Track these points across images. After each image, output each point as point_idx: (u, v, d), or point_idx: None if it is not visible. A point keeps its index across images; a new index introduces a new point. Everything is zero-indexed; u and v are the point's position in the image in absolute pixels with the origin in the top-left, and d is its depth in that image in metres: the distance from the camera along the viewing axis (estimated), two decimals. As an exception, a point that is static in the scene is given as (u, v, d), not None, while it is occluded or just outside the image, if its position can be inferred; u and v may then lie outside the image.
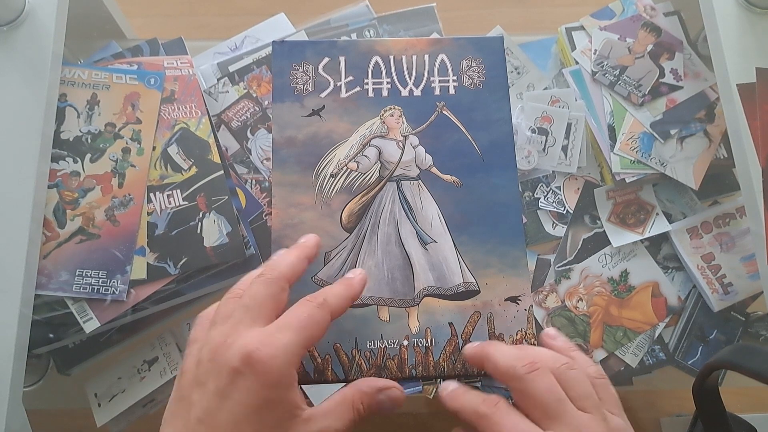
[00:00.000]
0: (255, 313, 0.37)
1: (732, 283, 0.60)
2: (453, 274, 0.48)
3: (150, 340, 0.59)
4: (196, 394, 0.35)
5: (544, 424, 0.35)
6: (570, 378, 0.37)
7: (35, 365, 0.60)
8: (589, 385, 0.38)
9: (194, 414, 0.34)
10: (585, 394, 0.37)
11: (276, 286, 0.39)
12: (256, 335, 0.35)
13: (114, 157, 0.58)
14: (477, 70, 0.53)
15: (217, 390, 0.34)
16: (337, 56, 0.53)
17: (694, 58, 0.65)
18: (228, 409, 0.34)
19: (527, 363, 0.37)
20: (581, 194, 0.62)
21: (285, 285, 0.39)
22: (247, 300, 0.38)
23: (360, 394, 0.39)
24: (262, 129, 0.63)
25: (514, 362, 0.38)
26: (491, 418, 0.36)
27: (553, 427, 0.35)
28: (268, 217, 0.59)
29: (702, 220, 0.62)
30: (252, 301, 0.37)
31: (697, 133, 0.63)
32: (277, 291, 0.38)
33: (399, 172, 0.51)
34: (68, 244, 0.55)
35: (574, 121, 0.63)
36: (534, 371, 0.37)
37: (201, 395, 0.35)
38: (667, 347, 0.60)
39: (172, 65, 0.62)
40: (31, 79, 0.56)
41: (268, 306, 0.37)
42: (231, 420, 0.34)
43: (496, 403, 0.37)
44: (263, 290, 0.38)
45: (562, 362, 0.38)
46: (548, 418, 0.35)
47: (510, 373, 0.37)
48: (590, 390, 0.38)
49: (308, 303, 0.38)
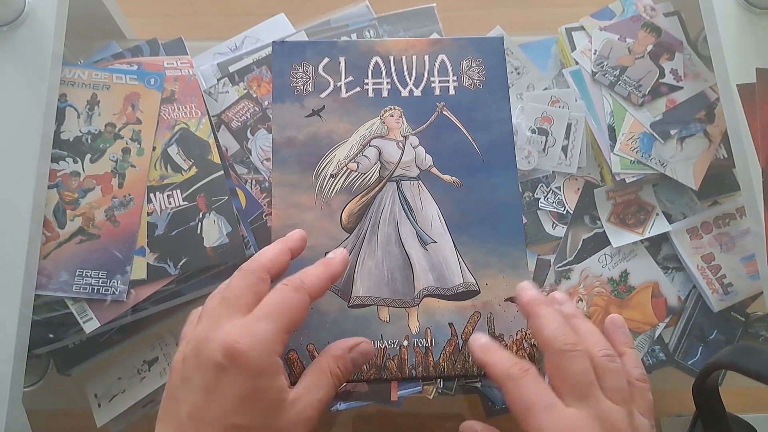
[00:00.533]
0: (233, 305, 0.37)
1: (732, 284, 0.60)
2: (453, 275, 0.48)
3: (150, 341, 0.59)
4: (184, 391, 0.35)
5: (568, 401, 0.36)
6: (607, 369, 0.37)
7: (35, 365, 0.60)
8: (624, 382, 0.38)
9: (184, 411, 0.35)
10: (617, 387, 0.37)
11: (254, 276, 0.38)
12: (235, 327, 0.35)
13: (114, 158, 0.58)
14: (477, 70, 0.53)
15: (203, 385, 0.35)
16: (337, 56, 0.53)
17: (694, 59, 0.65)
18: (216, 403, 0.34)
19: (570, 342, 0.37)
20: (581, 194, 0.62)
21: (264, 275, 0.39)
22: (226, 292, 0.38)
23: (334, 359, 0.40)
24: (262, 129, 0.63)
25: (558, 335, 0.38)
26: (519, 381, 0.36)
27: (576, 405, 0.35)
28: (268, 218, 0.59)
29: (702, 221, 0.62)
30: (230, 292, 0.38)
31: (697, 134, 0.63)
32: (255, 281, 0.38)
33: (399, 172, 0.51)
34: (68, 245, 0.55)
35: (574, 122, 0.63)
36: (574, 351, 0.37)
37: (188, 392, 0.35)
38: (667, 347, 0.60)
39: (172, 65, 0.62)
40: (31, 80, 0.56)
41: (246, 297, 0.37)
42: (220, 413, 0.34)
43: (527, 369, 0.37)
44: (241, 282, 0.38)
45: (605, 353, 0.38)
46: (574, 395, 0.36)
47: (550, 344, 0.37)
48: (624, 386, 0.37)
49: (284, 287, 0.38)
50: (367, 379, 0.46)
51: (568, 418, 0.35)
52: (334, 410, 0.57)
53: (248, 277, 0.38)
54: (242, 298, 0.37)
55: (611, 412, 0.35)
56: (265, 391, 0.35)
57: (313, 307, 0.46)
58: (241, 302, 0.37)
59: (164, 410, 0.37)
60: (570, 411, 0.35)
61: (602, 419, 0.35)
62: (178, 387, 0.36)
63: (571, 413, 0.35)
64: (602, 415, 0.35)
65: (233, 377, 0.34)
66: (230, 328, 0.35)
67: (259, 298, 0.38)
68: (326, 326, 0.46)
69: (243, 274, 0.39)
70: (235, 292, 0.38)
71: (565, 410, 0.35)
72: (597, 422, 0.35)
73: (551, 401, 0.35)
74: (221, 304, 0.37)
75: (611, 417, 0.35)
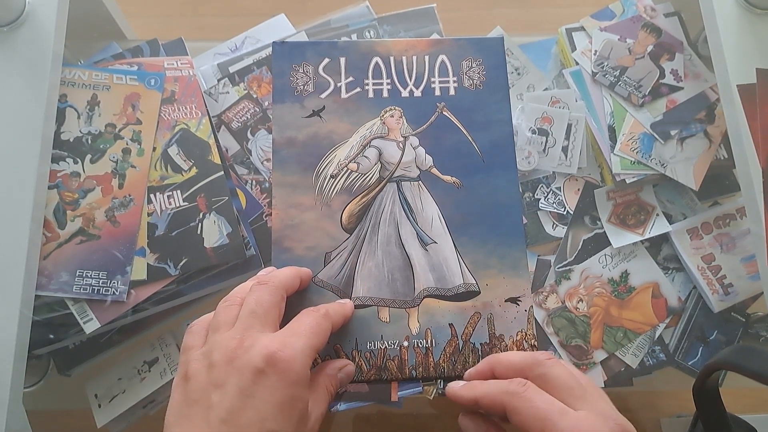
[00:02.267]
0: (263, 319, 0.39)
1: (732, 284, 0.60)
2: (453, 275, 0.48)
3: (150, 341, 0.59)
4: (216, 395, 0.35)
5: (570, 403, 0.37)
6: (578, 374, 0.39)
7: (35, 366, 0.60)
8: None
9: (216, 415, 0.35)
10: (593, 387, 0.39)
11: (278, 294, 0.41)
12: (274, 338, 0.37)
13: (114, 158, 0.58)
14: (477, 70, 0.53)
15: (240, 390, 0.35)
16: (338, 57, 0.53)
17: (695, 59, 0.65)
18: (253, 408, 0.35)
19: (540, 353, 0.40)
20: (581, 195, 0.62)
21: (284, 294, 0.42)
22: (254, 306, 0.39)
23: (329, 378, 0.43)
24: (262, 130, 0.63)
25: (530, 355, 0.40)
26: (524, 395, 0.37)
27: (579, 406, 0.36)
28: (269, 218, 0.59)
29: (702, 221, 0.62)
30: (259, 307, 0.39)
31: (697, 134, 0.63)
32: (279, 300, 0.41)
33: (399, 172, 0.51)
34: (68, 245, 0.55)
35: (575, 122, 0.63)
36: (550, 358, 0.39)
37: (221, 396, 0.35)
38: (668, 348, 0.60)
39: (172, 66, 0.62)
40: (31, 80, 0.56)
41: (273, 312, 0.40)
42: (257, 418, 0.35)
43: (525, 383, 0.38)
44: (268, 297, 0.40)
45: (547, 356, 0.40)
46: (573, 398, 0.37)
47: (529, 361, 0.39)
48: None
49: (313, 313, 0.41)
50: (368, 380, 0.46)
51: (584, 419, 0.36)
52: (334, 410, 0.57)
53: (275, 294, 0.40)
54: (270, 313, 0.39)
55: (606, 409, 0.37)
56: (300, 400, 0.37)
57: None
58: (270, 318, 0.39)
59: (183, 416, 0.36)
60: (580, 413, 0.36)
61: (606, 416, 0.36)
62: (205, 392, 0.36)
63: (583, 415, 0.36)
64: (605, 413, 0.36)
65: (273, 383, 0.35)
66: (268, 339, 0.37)
67: (281, 315, 0.41)
68: (326, 327, 0.46)
69: (269, 289, 0.41)
70: (263, 306, 0.39)
71: (576, 413, 0.36)
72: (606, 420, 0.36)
73: (561, 406, 0.36)
74: (249, 317, 0.39)
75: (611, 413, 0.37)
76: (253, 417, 0.34)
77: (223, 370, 0.36)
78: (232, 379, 0.35)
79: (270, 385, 0.35)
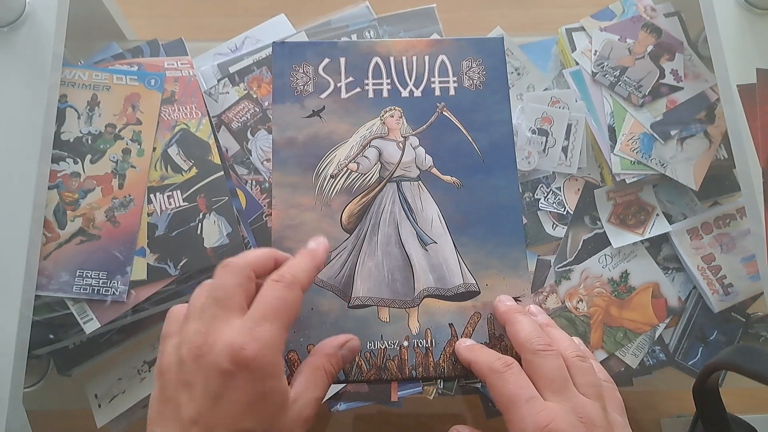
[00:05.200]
0: (226, 305, 0.36)
1: (732, 284, 0.60)
2: (453, 275, 0.48)
3: (150, 341, 0.59)
4: (185, 395, 0.35)
5: (546, 395, 0.38)
6: (578, 367, 0.40)
7: (35, 366, 0.60)
8: (596, 378, 0.40)
9: (186, 415, 0.34)
10: (590, 383, 0.39)
11: (243, 274, 0.38)
12: (237, 331, 0.35)
13: (114, 158, 0.58)
14: (477, 71, 0.53)
15: (208, 391, 0.34)
16: (338, 57, 0.53)
17: (695, 59, 0.65)
18: (223, 409, 0.34)
19: (544, 343, 0.40)
20: (581, 195, 0.62)
21: (251, 273, 0.38)
22: (217, 292, 0.37)
23: (327, 357, 0.41)
24: (262, 130, 0.63)
25: (533, 338, 0.40)
26: (502, 375, 0.39)
27: (553, 399, 0.37)
28: (269, 218, 0.59)
29: (702, 221, 0.62)
30: (222, 292, 0.37)
31: (697, 134, 0.63)
32: (244, 280, 0.38)
33: (399, 173, 0.51)
34: (68, 245, 0.55)
35: (575, 122, 0.63)
36: (547, 351, 0.39)
37: (190, 397, 0.34)
38: (668, 348, 0.60)
39: (172, 66, 0.62)
40: (31, 80, 0.56)
41: (237, 296, 0.37)
42: (227, 419, 0.34)
43: (510, 364, 0.39)
44: (230, 280, 0.37)
45: (576, 354, 0.40)
46: (551, 390, 0.38)
47: (525, 346, 0.40)
48: (596, 383, 0.40)
49: (277, 285, 0.38)
50: (368, 380, 0.46)
51: (548, 409, 0.36)
52: (334, 410, 0.57)
53: (237, 275, 0.38)
54: (234, 297, 0.37)
55: (586, 405, 0.37)
56: (272, 393, 0.35)
57: (312, 307, 0.46)
58: (233, 302, 0.36)
59: (159, 413, 0.36)
60: (549, 403, 0.37)
61: (578, 412, 0.37)
62: (176, 390, 0.35)
63: (550, 405, 0.37)
64: (578, 408, 0.37)
65: (241, 383, 0.34)
66: (232, 332, 0.35)
67: (249, 296, 0.37)
68: (326, 327, 0.46)
69: (231, 270, 0.38)
70: (225, 291, 0.37)
71: (545, 403, 0.37)
72: (573, 414, 0.36)
73: (532, 394, 0.37)
74: (213, 304, 0.36)
75: (586, 410, 0.37)
76: (223, 418, 0.34)
77: (190, 368, 0.35)
78: (199, 379, 0.34)
79: (239, 386, 0.34)
